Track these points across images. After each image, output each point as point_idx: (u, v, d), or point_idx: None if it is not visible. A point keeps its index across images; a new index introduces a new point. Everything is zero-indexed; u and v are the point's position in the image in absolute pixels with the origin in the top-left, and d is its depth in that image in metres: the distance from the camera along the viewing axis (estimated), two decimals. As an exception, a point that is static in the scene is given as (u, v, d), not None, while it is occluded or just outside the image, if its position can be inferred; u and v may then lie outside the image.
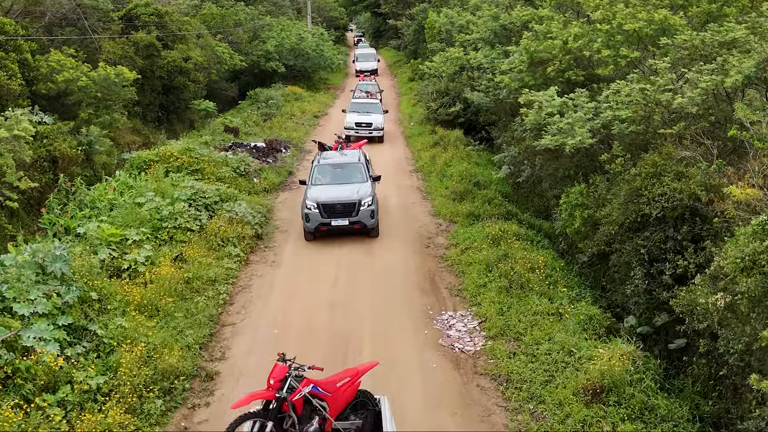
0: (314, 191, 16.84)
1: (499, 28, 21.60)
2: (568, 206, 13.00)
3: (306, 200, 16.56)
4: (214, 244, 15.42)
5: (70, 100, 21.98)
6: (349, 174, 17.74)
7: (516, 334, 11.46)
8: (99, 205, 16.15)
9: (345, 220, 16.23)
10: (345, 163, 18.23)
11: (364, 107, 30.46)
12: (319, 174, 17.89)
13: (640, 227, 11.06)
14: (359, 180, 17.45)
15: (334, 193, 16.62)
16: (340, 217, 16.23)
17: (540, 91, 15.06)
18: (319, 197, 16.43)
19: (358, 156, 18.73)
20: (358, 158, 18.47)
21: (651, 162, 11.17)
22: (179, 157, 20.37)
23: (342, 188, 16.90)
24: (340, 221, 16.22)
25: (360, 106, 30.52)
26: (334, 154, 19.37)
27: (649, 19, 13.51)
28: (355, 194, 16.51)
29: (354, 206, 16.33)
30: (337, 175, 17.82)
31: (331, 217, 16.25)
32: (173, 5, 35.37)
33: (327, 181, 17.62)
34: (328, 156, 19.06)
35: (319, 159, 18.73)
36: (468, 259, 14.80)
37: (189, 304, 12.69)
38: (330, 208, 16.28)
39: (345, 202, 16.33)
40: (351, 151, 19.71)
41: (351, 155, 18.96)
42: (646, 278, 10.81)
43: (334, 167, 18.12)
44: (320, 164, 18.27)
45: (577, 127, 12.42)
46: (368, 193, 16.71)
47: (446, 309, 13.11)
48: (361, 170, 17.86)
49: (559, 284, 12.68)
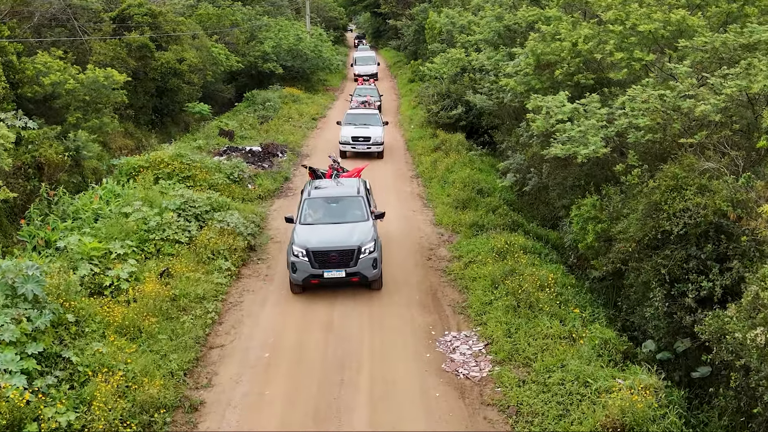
0: (303, 233, 13.99)
1: (503, 29, 20.78)
2: (580, 219, 12.17)
3: (293, 245, 13.69)
4: (204, 257, 14.58)
5: (58, 103, 21.18)
6: (347, 210, 14.80)
7: (525, 359, 10.63)
8: (82, 215, 15.31)
9: (341, 271, 13.40)
10: (341, 196, 15.20)
11: (361, 119, 27.01)
12: (310, 209, 14.83)
13: (659, 244, 10.24)
14: (359, 218, 14.49)
15: (327, 235, 13.84)
16: (335, 267, 13.42)
17: (548, 96, 14.25)
18: (309, 241, 13.61)
19: (357, 187, 15.58)
20: (357, 190, 15.36)
21: (671, 174, 10.34)
22: (170, 164, 19.54)
23: (337, 230, 14.06)
24: (334, 272, 13.39)
25: (356, 118, 27.08)
26: (329, 184, 16.25)
27: (666, 20, 12.69)
28: (353, 238, 13.67)
29: (352, 254, 13.42)
30: (331, 212, 14.82)
31: (324, 267, 13.41)
32: (168, 5, 34.51)
33: (319, 218, 14.67)
34: (321, 186, 15.94)
35: (309, 190, 15.51)
36: (472, 274, 13.98)
37: (174, 324, 11.86)
38: (322, 257, 13.43)
39: (341, 248, 13.46)
40: (349, 180, 16.71)
41: (349, 185, 15.88)
42: (667, 300, 9.99)
43: (327, 201, 15.06)
44: (311, 197, 15.10)
45: (589, 135, 11.60)
46: (370, 237, 13.81)
47: (449, 329, 12.28)
48: (361, 206, 14.80)
49: (570, 303, 11.85)
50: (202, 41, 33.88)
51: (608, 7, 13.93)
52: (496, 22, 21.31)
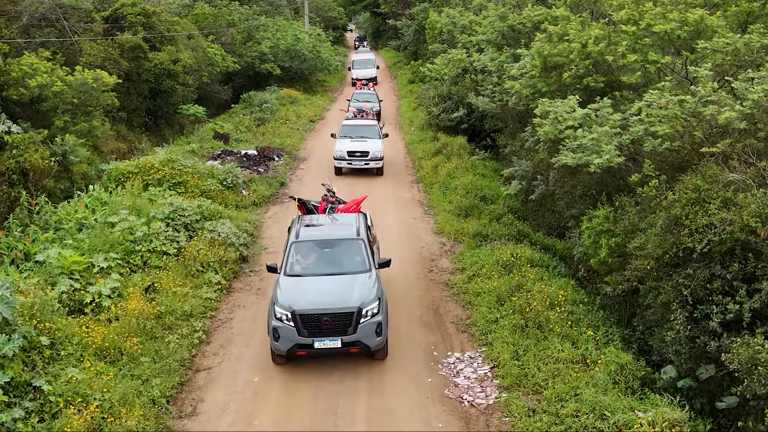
0: (289, 289, 11.07)
1: (506, 29, 20.00)
2: (592, 232, 11.40)
3: (275, 305, 10.78)
4: (193, 269, 13.82)
5: (45, 106, 20.37)
6: (344, 257, 11.94)
7: (535, 385, 9.86)
8: (66, 225, 14.53)
9: (336, 341, 10.45)
10: (337, 239, 12.31)
11: (357, 131, 23.83)
12: (298, 255, 11.95)
13: (680, 262, 9.47)
14: (359, 267, 11.63)
15: (319, 292, 10.95)
16: (329, 334, 10.46)
17: (556, 100, 13.49)
18: (296, 301, 10.66)
19: (356, 226, 12.67)
20: (356, 230, 12.47)
21: (693, 186, 9.58)
22: (160, 169, 18.76)
23: (332, 285, 11.18)
24: (328, 342, 10.44)
25: (352, 130, 23.93)
26: (322, 221, 13.41)
27: (682, 20, 11.92)
28: (352, 296, 10.77)
29: (351, 318, 10.49)
30: (324, 260, 11.92)
31: (315, 334, 10.45)
32: (163, 5, 33.77)
33: (309, 267, 11.80)
34: (312, 223, 13.06)
35: (298, 229, 12.59)
36: (476, 288, 13.21)
37: (159, 344, 11.10)
38: (313, 322, 10.46)
39: (337, 311, 10.53)
40: (346, 216, 13.76)
41: (346, 223, 13.01)
42: (689, 323, 9.22)
43: (320, 245, 12.19)
44: (299, 240, 12.20)
45: (603, 143, 10.82)
46: (373, 294, 10.89)
47: (453, 349, 11.51)
48: (361, 251, 11.94)
49: (582, 323, 11.08)
50: (197, 41, 33.11)
51: (620, 7, 13.16)
52: (499, 21, 20.56)
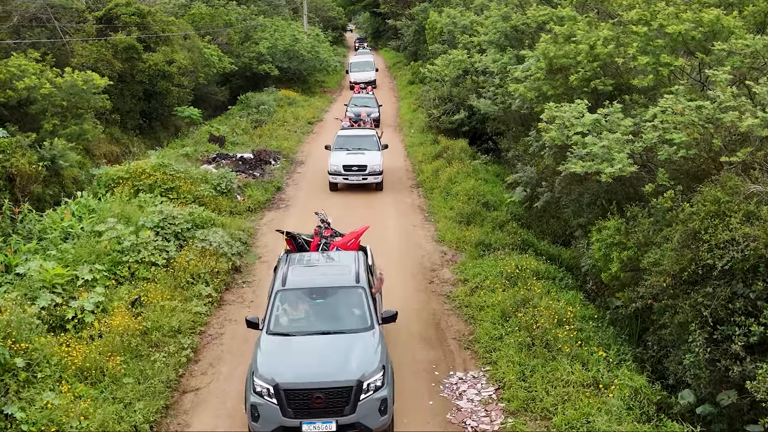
0: (271, 354, 9.03)
1: (509, 30, 19.37)
2: (602, 245, 10.78)
3: (254, 375, 8.74)
4: (182, 281, 13.20)
5: (33, 109, 19.83)
6: (340, 310, 9.86)
7: (543, 410, 9.23)
8: (50, 234, 13.92)
9: (330, 423, 8.43)
10: (332, 286, 10.08)
11: (354, 142, 21.74)
12: (284, 307, 9.84)
13: (699, 280, 8.86)
14: (358, 325, 9.53)
15: (309, 358, 8.89)
16: (321, 415, 8.44)
17: (562, 103, 12.87)
18: (280, 372, 8.62)
19: (355, 269, 10.42)
20: (355, 275, 10.22)
21: (712, 198, 8.97)
22: (152, 174, 18.14)
23: (325, 348, 9.10)
24: (319, 425, 8.44)
25: (349, 141, 21.85)
26: (314, 261, 11.15)
27: (697, 20, 11.30)
28: (350, 365, 8.75)
29: (348, 394, 8.51)
30: (316, 313, 9.85)
31: (303, 414, 8.44)
32: (158, 5, 33.14)
33: (297, 323, 9.73)
34: (301, 264, 10.87)
35: (284, 272, 10.36)
36: (479, 302, 12.59)
37: (144, 363, 10.47)
38: (300, 399, 8.46)
39: (330, 385, 8.49)
40: (343, 255, 11.33)
41: (343, 264, 10.75)
42: (709, 345, 8.60)
43: (311, 295, 10.01)
44: (286, 288, 10.00)
45: (614, 151, 10.20)
46: (376, 362, 8.82)
47: (455, 368, 10.89)
48: (361, 303, 9.79)
49: (592, 341, 10.45)
50: (193, 42, 32.50)
51: (630, 6, 12.54)
52: (502, 22, 19.93)
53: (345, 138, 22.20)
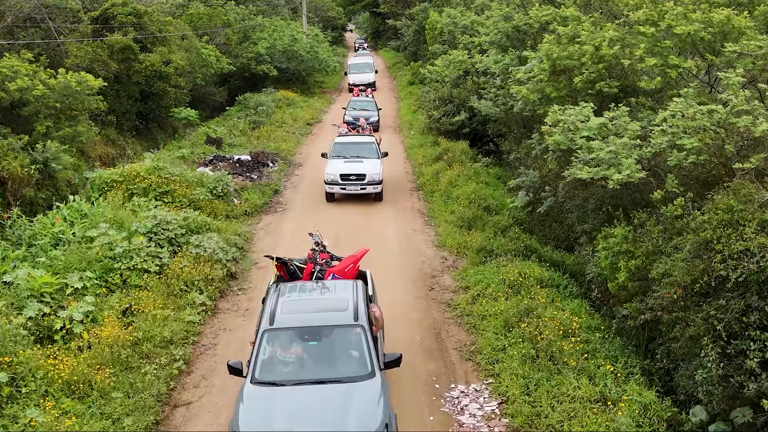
0: (255, 407, 8.01)
1: (511, 30, 19.00)
2: (609, 253, 10.41)
3: None
4: (176, 289, 12.82)
5: (26, 111, 19.42)
6: (336, 352, 8.79)
7: (549, 427, 8.86)
8: (40, 240, 13.55)
9: None
10: (326, 326, 8.90)
11: (352, 150, 20.64)
12: (271, 348, 8.72)
13: (711, 292, 8.49)
14: (357, 370, 8.43)
15: (299, 415, 7.80)
16: None
17: (566, 105, 12.50)
18: None
19: (353, 301, 9.21)
20: (353, 309, 9.00)
21: (725, 206, 8.59)
22: (146, 178, 17.76)
23: (319, 400, 8.00)
24: None
25: (346, 149, 20.71)
26: (305, 292, 9.81)
27: (707, 21, 10.93)
28: (346, 424, 7.63)
29: None
30: (308, 357, 8.70)
31: None
32: (155, 5, 32.76)
33: (286, 367, 8.61)
34: (292, 296, 9.56)
35: (273, 307, 9.13)
36: (481, 311, 12.22)
37: (134, 376, 10.11)
38: None
39: None
40: (340, 285, 9.97)
41: (340, 298, 9.41)
42: (722, 360, 8.23)
43: (303, 336, 8.78)
44: (274, 328, 8.80)
45: (622, 156, 9.83)
46: (378, 419, 7.73)
47: (456, 381, 10.52)
48: (360, 344, 8.64)
49: (599, 354, 10.08)
50: (191, 42, 32.14)
51: (637, 6, 12.16)
52: (503, 22, 19.55)
53: (342, 145, 21.08)
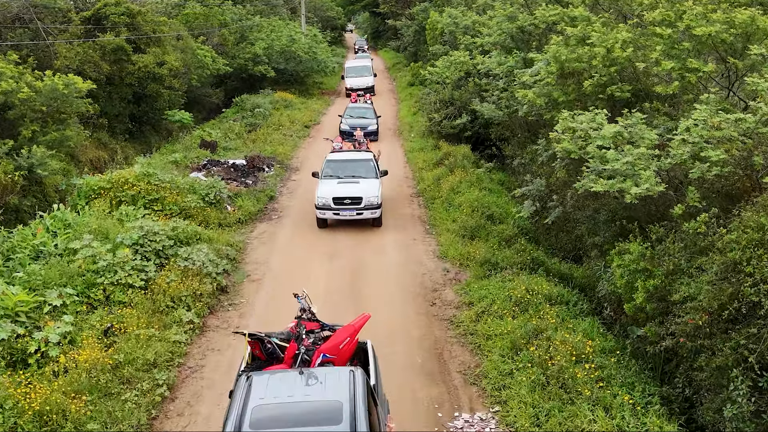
0: None
1: (516, 31, 18.26)
2: (625, 271, 9.67)
3: None
4: (162, 305, 12.09)
5: (11, 114, 18.68)
6: None
7: (562, 465, 8.14)
8: (19, 253, 12.81)
9: None
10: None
11: (347, 168, 18.39)
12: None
13: (741, 319, 7.76)
14: None
15: None
16: None
17: (575, 111, 11.77)
18: None
19: (348, 404, 6.77)
20: (349, 416, 6.62)
21: (755, 224, 7.86)
22: (135, 185, 17.01)
23: None
24: None
25: (340, 167, 18.43)
26: (287, 391, 7.11)
27: (728, 21, 10.19)
28: None
29: None
30: None
31: None
32: (149, 5, 32.01)
33: None
34: (267, 394, 7.03)
35: (239, 410, 6.74)
36: (486, 330, 11.48)
37: (113, 404, 9.38)
38: None
39: None
40: (332, 376, 7.40)
41: (330, 396, 7.00)
42: (753, 394, 7.51)
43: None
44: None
45: (639, 168, 9.10)
46: None
47: (460, 407, 9.78)
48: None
49: (614, 381, 9.34)
50: (186, 43, 31.40)
51: (652, 6, 11.43)
52: (507, 22, 18.82)
53: (336, 163, 18.69)
